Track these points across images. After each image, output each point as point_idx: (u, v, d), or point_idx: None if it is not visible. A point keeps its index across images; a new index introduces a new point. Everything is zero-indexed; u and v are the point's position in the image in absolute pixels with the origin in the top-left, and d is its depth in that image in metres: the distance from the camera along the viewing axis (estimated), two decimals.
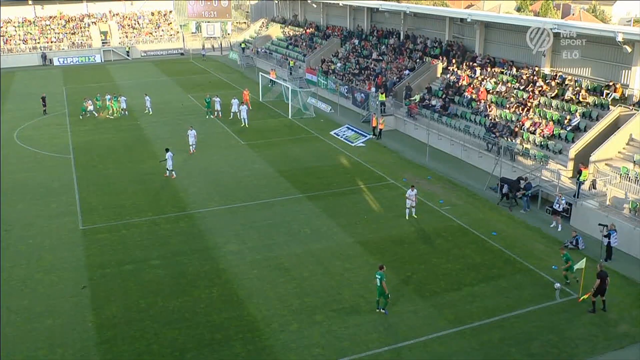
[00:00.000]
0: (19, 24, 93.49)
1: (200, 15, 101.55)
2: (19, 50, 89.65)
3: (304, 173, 39.10)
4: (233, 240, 29.25)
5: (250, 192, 35.76)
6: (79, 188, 36.74)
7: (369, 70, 58.38)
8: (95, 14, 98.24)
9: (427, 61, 53.15)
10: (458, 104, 45.79)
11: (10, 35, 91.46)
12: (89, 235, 30.05)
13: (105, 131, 49.99)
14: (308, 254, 27.75)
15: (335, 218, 31.85)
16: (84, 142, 46.75)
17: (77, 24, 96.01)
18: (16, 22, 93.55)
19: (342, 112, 55.04)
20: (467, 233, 30.08)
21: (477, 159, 40.17)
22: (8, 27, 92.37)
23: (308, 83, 64.94)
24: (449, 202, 33.99)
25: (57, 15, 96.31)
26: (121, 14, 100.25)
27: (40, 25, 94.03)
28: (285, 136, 48.14)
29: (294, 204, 33.95)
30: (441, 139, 43.71)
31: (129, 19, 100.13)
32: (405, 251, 27.97)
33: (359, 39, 67.02)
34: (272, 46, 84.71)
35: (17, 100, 62.98)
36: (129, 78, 76.22)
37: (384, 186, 36.77)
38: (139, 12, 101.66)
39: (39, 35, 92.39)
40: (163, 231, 30.39)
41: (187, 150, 42.95)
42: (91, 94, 65.03)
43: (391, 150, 44.32)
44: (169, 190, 36.20)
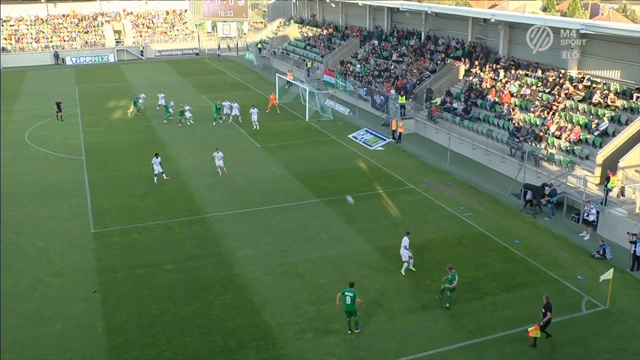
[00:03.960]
0: (31, 22, 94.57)
1: (216, 15, 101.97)
2: (30, 49, 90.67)
3: (321, 177, 39.13)
4: (248, 245, 29.33)
5: (266, 196, 35.84)
6: (91, 190, 37.04)
7: (389, 72, 58.32)
8: (108, 13, 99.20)
9: (449, 63, 53.00)
10: (481, 107, 45.60)
11: (22, 33, 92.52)
12: (101, 238, 30.27)
13: (118, 132, 50.38)
14: (324, 260, 27.75)
15: (352, 223, 31.82)
16: (96, 143, 47.16)
17: (90, 23, 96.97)
18: (28, 20, 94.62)
19: (361, 115, 55.02)
20: (488, 240, 29.92)
21: (500, 164, 39.95)
22: (20, 25, 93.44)
23: (326, 85, 64.99)
24: (470, 208, 33.84)
25: (70, 13, 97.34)
26: (135, 13, 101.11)
27: (52, 24, 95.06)
28: (302, 139, 48.22)
29: (310, 208, 33.98)
30: (463, 143, 43.55)
31: (143, 18, 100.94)
32: (424, 258, 27.85)
33: (378, 40, 66.99)
34: (289, 47, 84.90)
35: (28, 100, 63.69)
36: (143, 78, 76.79)
37: (403, 191, 36.68)
38: (154, 11, 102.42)
39: (52, 34, 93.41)
40: (176, 235, 30.54)
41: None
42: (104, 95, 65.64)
43: (411, 155, 44.23)
44: (183, 193, 36.38)
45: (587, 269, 26.95)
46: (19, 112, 57.97)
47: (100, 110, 58.48)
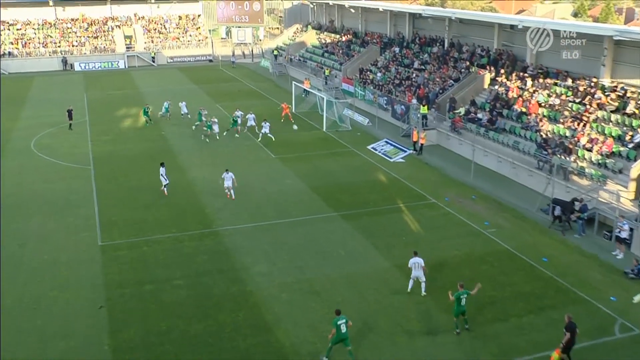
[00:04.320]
0: (38, 26, 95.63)
1: (230, 20, 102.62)
2: (38, 54, 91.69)
3: (339, 190, 39.10)
4: (261, 261, 29.32)
5: (281, 209, 35.86)
6: (99, 201, 37.26)
7: (410, 81, 58.30)
8: (119, 17, 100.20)
9: (474, 71, 52.89)
10: (507, 118, 45.40)
11: (29, 37, 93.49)
12: (108, 251, 30.40)
13: (128, 141, 50.72)
14: (342, 278, 27.65)
15: (371, 239, 31.73)
16: (105, 152, 47.50)
17: (100, 27, 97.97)
18: (36, 24, 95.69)
19: (381, 125, 55.00)
20: (514, 258, 29.69)
21: (527, 177, 39.69)
22: (27, 29, 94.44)
23: (344, 93, 65.05)
24: (495, 224, 33.63)
25: (79, 17, 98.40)
26: (147, 18, 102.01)
27: (61, 28, 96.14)
28: (319, 150, 48.28)
29: (327, 223, 33.94)
30: (487, 155, 43.36)
31: (155, 23, 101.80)
32: (446, 277, 27.66)
33: (399, 47, 67.05)
34: (307, 54, 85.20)
35: (35, 107, 64.42)
36: (154, 85, 77.39)
37: (425, 205, 36.56)
38: (166, 15, 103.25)
39: (60, 38, 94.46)
40: (187, 249, 30.60)
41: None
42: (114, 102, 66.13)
43: (433, 167, 44.10)
44: (194, 205, 36.49)
45: (620, 290, 26.60)
46: (25, 119, 58.61)
47: (109, 119, 58.95)
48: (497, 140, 43.82)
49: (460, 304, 23.09)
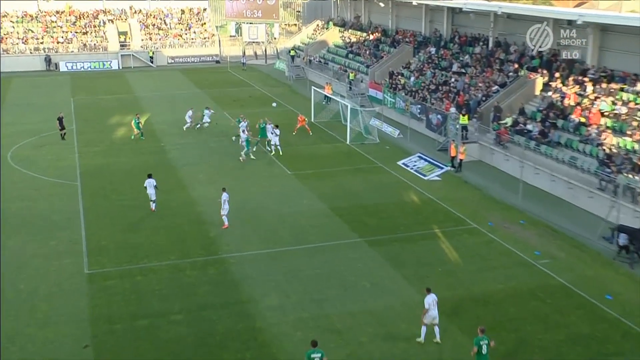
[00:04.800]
0: (17, 19, 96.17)
1: (240, 15, 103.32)
2: (17, 52, 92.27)
3: (364, 212, 39.06)
4: (273, 293, 29.25)
5: (297, 233, 35.86)
6: (86, 222, 37.42)
7: (448, 86, 58.29)
8: (112, 10, 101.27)
9: (523, 75, 52.76)
10: (562, 130, 45.18)
11: (6, 32, 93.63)
12: (96, 281, 30.44)
13: (122, 153, 51.10)
14: (366, 314, 27.54)
15: (401, 269, 31.61)
16: (95, 166, 47.81)
17: (90, 22, 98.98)
18: (14, 16, 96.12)
19: (413, 138, 54.97)
20: (571, 295, 29.39)
21: (587, 200, 39.45)
22: (4, 22, 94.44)
23: (371, 101, 65.16)
24: (548, 254, 33.36)
25: (66, 10, 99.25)
26: (144, 11, 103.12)
27: (44, 22, 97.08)
28: (342, 165, 48.33)
29: (351, 250, 33.86)
30: (539, 173, 43.13)
31: (154, 18, 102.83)
32: (489, 314, 27.48)
33: (436, 47, 67.12)
34: (328, 54, 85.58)
35: (13, 113, 64.91)
36: (153, 89, 78.02)
37: (464, 231, 36.42)
38: (166, 9, 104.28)
39: (43, 33, 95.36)
40: (188, 279, 30.62)
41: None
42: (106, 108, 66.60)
43: (474, 186, 43.98)
44: (197, 228, 36.59)
45: None
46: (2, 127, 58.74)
47: (99, 127, 59.50)
48: (551, 156, 43.54)
49: (482, 352, 22.62)
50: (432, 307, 25.27)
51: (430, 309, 25.22)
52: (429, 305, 25.22)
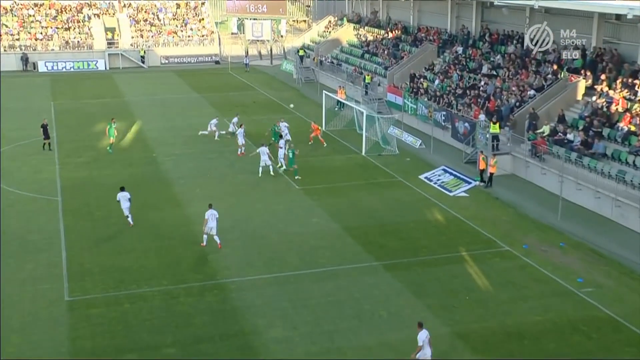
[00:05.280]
0: None
1: (243, 10, 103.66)
2: None
3: (381, 232, 39.07)
4: (279, 324, 29.21)
5: (306, 256, 35.87)
6: (67, 243, 37.45)
7: (477, 90, 58.27)
8: (98, 4, 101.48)
9: (563, 77, 52.69)
10: (608, 140, 45.05)
11: None
12: (78, 309, 30.39)
13: (108, 165, 51.23)
14: (384, 347, 27.51)
15: (423, 297, 31.55)
16: (78, 179, 47.98)
17: (73, 16, 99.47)
18: None
19: (437, 149, 55.02)
20: (620, 329, 29.19)
21: (637, 219, 39.37)
22: None
23: (390, 106, 65.24)
24: (593, 282, 33.19)
25: (45, 2, 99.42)
26: (134, 6, 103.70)
27: (20, 16, 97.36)
28: (357, 179, 48.40)
29: (366, 274, 33.83)
30: (581, 189, 43.02)
31: (146, 12, 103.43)
32: (526, 350, 27.38)
33: (463, 46, 67.17)
34: (342, 54, 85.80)
35: None
36: (144, 93, 78.27)
37: (495, 254, 36.35)
38: (160, 3, 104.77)
39: (19, 29, 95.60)
40: (182, 307, 30.59)
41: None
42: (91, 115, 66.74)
43: (506, 204, 43.94)
44: (194, 250, 36.60)
45: None
46: None
47: (83, 136, 59.81)
48: (595, 170, 43.37)
49: None
50: (426, 345, 25.12)
51: (424, 347, 25.07)
52: (423, 342, 25.09)
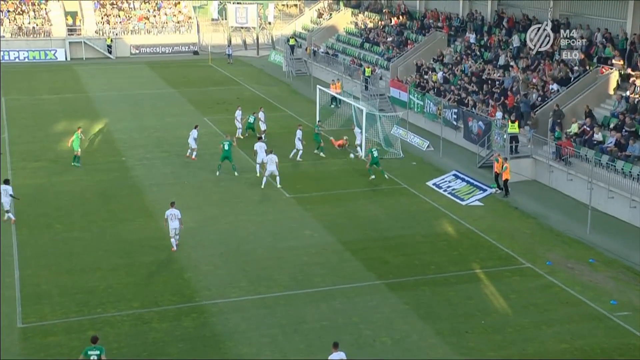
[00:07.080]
0: None
1: None
2: None
3: (384, 246, 39.11)
4: (267, 350, 29.17)
5: (297, 274, 35.86)
6: (21, 260, 37.25)
7: (493, 84, 58.33)
8: None
9: (593, 69, 52.75)
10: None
11: None
12: (33, 337, 30.22)
13: (70, 171, 51.01)
14: None
15: (432, 321, 31.52)
16: (34, 186, 47.77)
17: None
18: None
19: (447, 151, 55.19)
20: None
21: None
22: None
23: (393, 103, 65.34)
24: (628, 304, 33.17)
25: None
26: None
27: None
28: (355, 186, 48.46)
29: (367, 295, 33.83)
30: (613, 197, 43.08)
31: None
32: None
33: (477, 34, 67.25)
34: (338, 44, 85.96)
35: None
36: (111, 88, 78.27)
37: (515, 272, 36.37)
38: None
39: None
40: (156, 333, 30.49)
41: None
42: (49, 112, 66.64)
43: (527, 214, 44.02)
44: (168, 267, 36.59)
45: None
46: None
47: (41, 136, 59.74)
48: (630, 175, 43.38)
49: None
50: None
51: None
52: None
